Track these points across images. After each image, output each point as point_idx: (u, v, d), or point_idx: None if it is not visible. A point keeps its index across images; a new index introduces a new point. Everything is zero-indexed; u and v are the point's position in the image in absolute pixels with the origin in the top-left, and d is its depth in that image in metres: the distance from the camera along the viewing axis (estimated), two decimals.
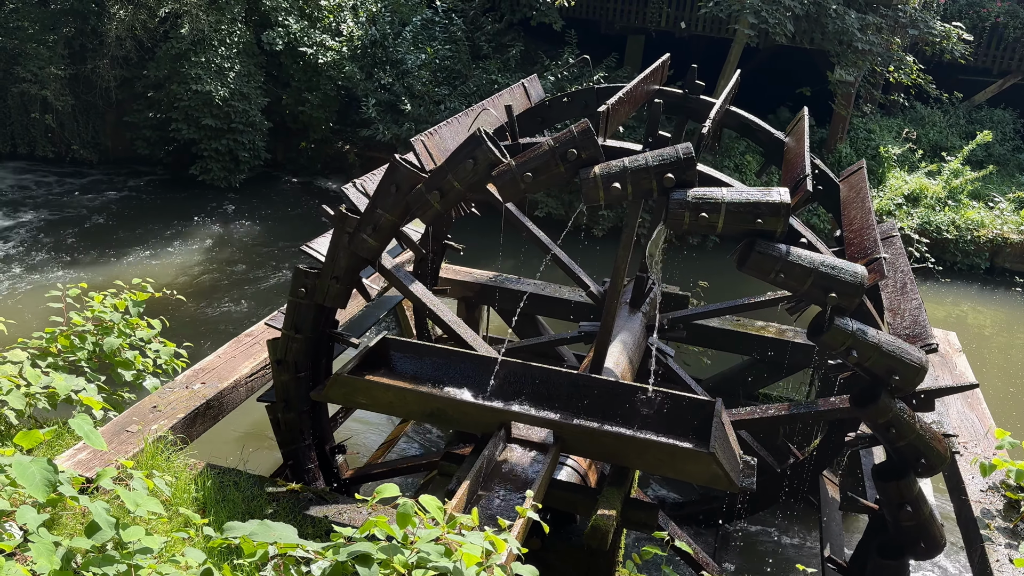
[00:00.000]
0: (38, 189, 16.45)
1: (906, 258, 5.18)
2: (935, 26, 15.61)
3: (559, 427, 4.36)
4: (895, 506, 4.30)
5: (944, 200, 16.36)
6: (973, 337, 13.01)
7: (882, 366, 4.04)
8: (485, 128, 4.60)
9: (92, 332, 5.85)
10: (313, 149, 18.45)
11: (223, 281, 12.90)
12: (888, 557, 4.52)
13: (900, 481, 4.24)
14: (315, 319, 5.22)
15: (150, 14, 16.22)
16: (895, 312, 4.79)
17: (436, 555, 2.89)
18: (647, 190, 4.19)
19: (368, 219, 4.83)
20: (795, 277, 4.04)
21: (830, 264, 4.01)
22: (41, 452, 5.04)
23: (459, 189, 4.54)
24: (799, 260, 4.01)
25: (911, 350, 4.07)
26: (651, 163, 4.17)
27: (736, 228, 4.06)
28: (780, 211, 4.00)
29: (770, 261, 4.04)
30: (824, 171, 5.80)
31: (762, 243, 4.06)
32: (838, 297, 3.99)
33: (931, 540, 4.44)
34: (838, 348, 4.05)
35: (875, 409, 4.12)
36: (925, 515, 4.33)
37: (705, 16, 16.84)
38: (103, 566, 2.91)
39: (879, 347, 4.01)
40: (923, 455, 4.22)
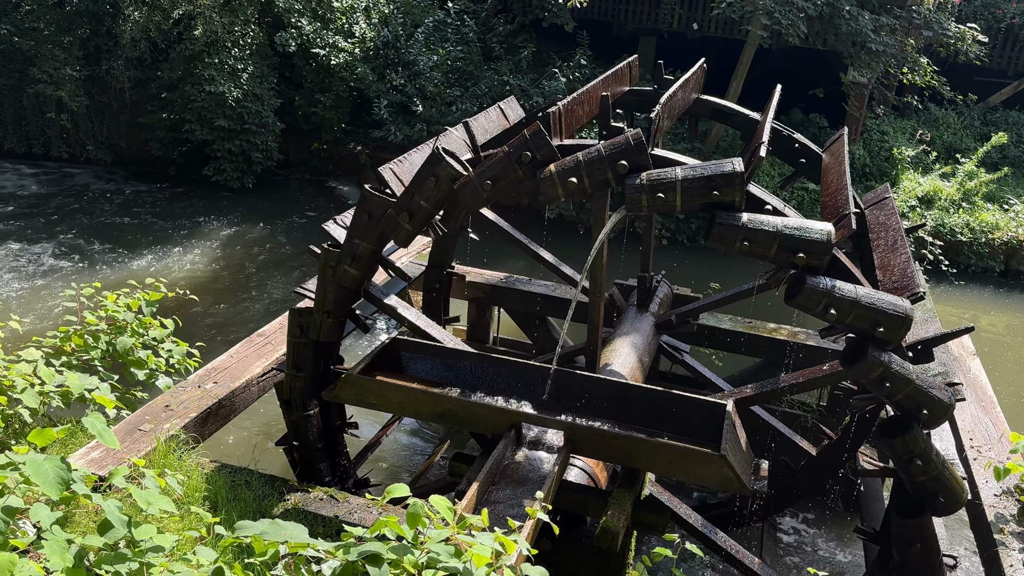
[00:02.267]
0: (53, 189, 16.58)
1: (898, 217, 5.12)
2: (950, 27, 15.50)
3: (570, 429, 4.35)
4: (904, 462, 4.15)
5: (958, 202, 16.24)
6: (987, 340, 12.91)
7: (864, 320, 3.95)
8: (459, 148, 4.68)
9: (106, 331, 5.89)
10: (325, 150, 18.51)
11: (235, 281, 12.96)
12: (908, 516, 4.35)
13: (905, 435, 4.09)
14: (315, 356, 5.33)
15: (164, 16, 16.31)
16: (885, 269, 4.76)
17: (446, 555, 2.89)
18: (603, 180, 4.26)
19: (347, 250, 4.93)
20: (760, 243, 4.03)
21: (795, 225, 3.99)
22: (55, 450, 5.08)
23: (426, 207, 4.63)
24: (762, 225, 4.01)
25: (893, 300, 3.98)
26: (604, 153, 4.24)
27: (695, 204, 4.09)
28: (735, 181, 4.02)
29: (732, 231, 4.04)
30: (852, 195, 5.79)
31: (722, 215, 4.07)
32: (807, 257, 3.96)
33: (949, 493, 4.26)
34: (815, 308, 3.99)
35: (864, 365, 3.99)
36: (937, 467, 4.17)
37: (717, 17, 16.79)
38: (115, 564, 2.92)
39: (857, 301, 3.94)
40: (923, 406, 4.05)
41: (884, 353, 4.01)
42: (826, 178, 5.41)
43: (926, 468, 4.15)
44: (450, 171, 4.52)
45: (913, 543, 4.33)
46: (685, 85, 5.54)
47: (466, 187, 4.53)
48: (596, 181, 4.26)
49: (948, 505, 4.28)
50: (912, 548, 4.34)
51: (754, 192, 4.61)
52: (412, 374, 4.98)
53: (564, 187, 4.28)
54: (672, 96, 5.20)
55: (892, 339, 4.00)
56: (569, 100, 5.01)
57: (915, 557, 4.38)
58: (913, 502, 4.37)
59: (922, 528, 4.33)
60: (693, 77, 5.92)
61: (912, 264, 4.56)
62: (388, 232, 4.78)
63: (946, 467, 4.23)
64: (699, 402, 4.45)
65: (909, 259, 4.61)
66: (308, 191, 17.95)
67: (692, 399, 4.48)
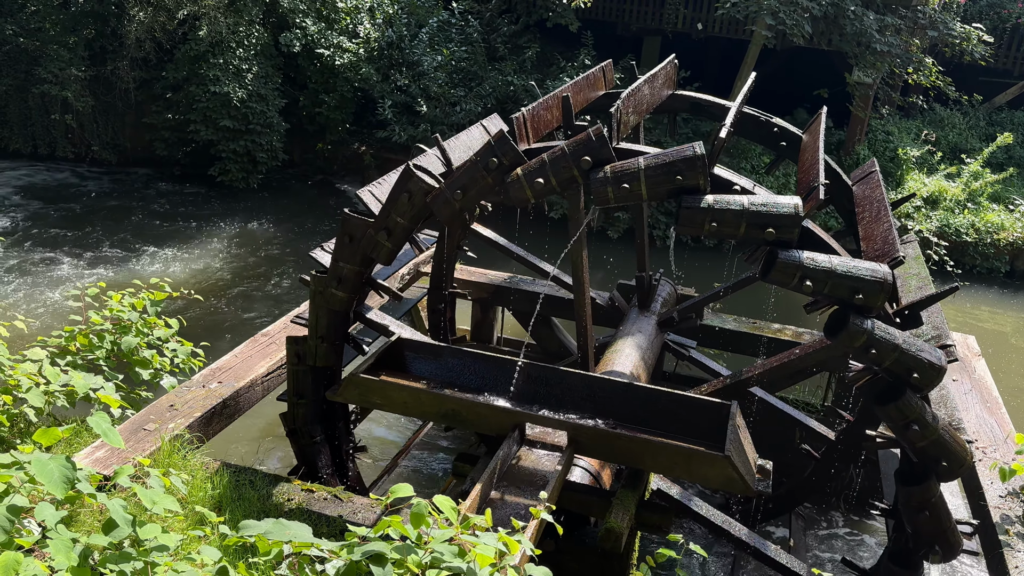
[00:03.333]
0: (58, 189, 16.62)
1: (882, 190, 5.14)
2: (955, 27, 15.46)
3: (574, 429, 4.35)
4: (901, 428, 4.10)
5: (963, 203, 16.20)
6: (992, 341, 12.88)
7: (843, 288, 3.94)
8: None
9: (110, 331, 5.90)
10: (330, 150, 18.53)
11: (240, 281, 12.98)
12: (911, 483, 4.28)
13: (898, 401, 4.04)
14: (315, 382, 5.38)
15: (169, 16, 16.34)
16: (868, 239, 4.77)
17: (450, 555, 2.89)
18: (570, 178, 4.31)
19: (333, 273, 5.00)
20: (728, 223, 4.04)
21: (761, 201, 4.01)
22: (60, 449, 5.09)
23: (403, 223, 4.71)
24: (728, 205, 4.03)
25: (871, 266, 3.96)
26: (567, 151, 4.29)
27: (660, 190, 4.13)
28: (696, 165, 4.05)
29: (700, 213, 4.06)
30: (837, 172, 5.78)
31: (688, 198, 4.10)
32: (777, 231, 3.97)
33: (951, 456, 4.18)
34: (791, 281, 3.98)
35: (847, 334, 3.96)
36: (935, 431, 4.09)
37: (722, 17, 16.76)
38: (120, 563, 2.93)
39: (832, 271, 3.93)
40: (913, 370, 3.99)
41: (867, 320, 3.97)
42: (803, 156, 5.46)
43: (924, 432, 4.06)
44: (422, 185, 4.59)
45: (921, 511, 4.24)
46: (652, 80, 5.55)
47: (437, 199, 4.60)
48: (563, 179, 4.32)
49: (951, 469, 4.19)
50: (920, 516, 4.25)
51: (721, 175, 4.63)
52: (416, 374, 4.99)
53: (532, 188, 4.34)
54: (636, 91, 5.19)
55: (872, 305, 3.97)
56: (535, 104, 5.07)
57: (925, 525, 4.28)
58: (915, 469, 4.30)
59: (927, 494, 4.22)
60: (662, 72, 5.91)
61: (894, 231, 4.55)
62: (369, 252, 4.86)
63: (947, 431, 4.14)
64: (703, 402, 4.44)
65: (891, 227, 4.60)
66: (312, 191, 17.97)
67: (696, 399, 4.47)
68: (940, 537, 4.32)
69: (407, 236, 4.84)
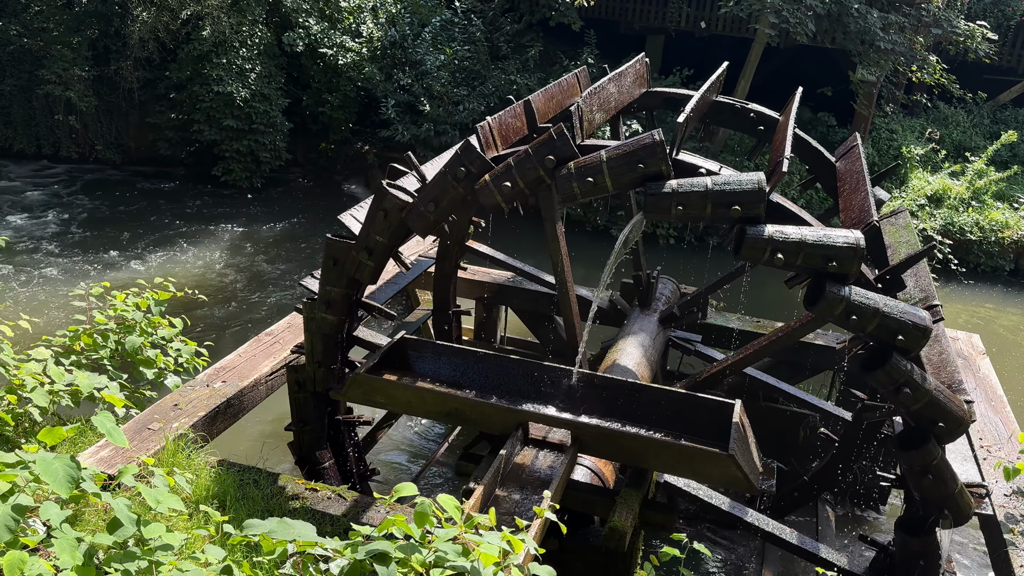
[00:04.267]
0: (62, 189, 16.65)
1: (862, 162, 5.17)
2: (959, 25, 15.42)
3: (577, 428, 4.35)
4: (893, 393, 4.06)
5: (968, 201, 16.16)
6: (997, 339, 12.85)
7: (816, 257, 3.93)
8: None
9: (115, 331, 5.91)
10: (333, 150, 18.55)
11: (244, 281, 13.00)
12: (910, 447, 4.22)
13: (886, 366, 3.99)
14: (318, 407, 5.45)
15: (172, 16, 16.36)
16: (846, 209, 4.78)
17: (454, 554, 2.89)
18: (537, 179, 4.36)
19: (322, 297, 5.09)
20: (694, 205, 4.06)
21: (724, 181, 4.03)
22: (64, 449, 5.10)
23: (383, 242, 4.79)
24: (692, 187, 4.05)
25: (842, 233, 3.96)
26: (531, 152, 4.35)
27: (625, 180, 4.18)
28: (656, 151, 4.08)
29: (665, 198, 4.09)
30: (819, 151, 5.86)
31: (651, 185, 4.13)
32: (743, 208, 3.98)
33: (947, 416, 4.10)
34: (762, 256, 3.98)
35: (824, 303, 3.96)
36: (927, 392, 4.03)
37: (725, 16, 16.75)
38: (124, 562, 2.93)
39: (803, 241, 3.93)
40: (897, 332, 3.96)
41: (844, 288, 3.97)
42: (776, 136, 5.50)
43: (916, 395, 4.01)
44: (396, 202, 4.68)
45: (924, 475, 4.17)
46: (618, 78, 5.55)
47: (411, 214, 4.67)
48: (530, 180, 4.38)
49: (950, 430, 4.12)
50: (924, 480, 4.19)
51: (686, 160, 4.67)
52: (419, 373, 4.99)
53: (500, 192, 4.40)
54: (600, 89, 5.20)
55: (847, 272, 3.97)
56: (503, 112, 5.11)
57: (930, 489, 4.21)
58: (914, 433, 4.24)
59: (927, 457, 4.14)
60: (631, 70, 5.90)
61: (871, 200, 4.56)
62: (353, 273, 4.93)
63: (940, 392, 4.07)
64: (707, 401, 4.44)
65: (867, 195, 4.61)
66: (316, 191, 17.99)
67: (700, 398, 4.47)
68: (948, 501, 4.23)
69: (388, 254, 4.92)
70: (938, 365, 4.46)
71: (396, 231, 4.78)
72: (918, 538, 4.46)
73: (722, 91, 6.61)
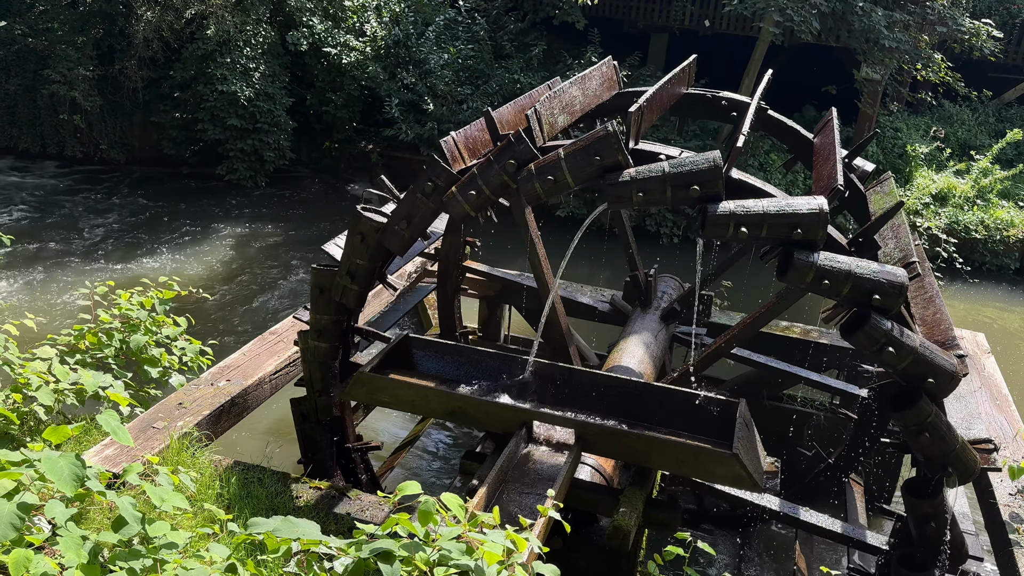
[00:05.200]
0: (67, 188, 16.69)
1: (835, 134, 5.21)
2: (964, 23, 15.37)
3: (581, 427, 4.35)
4: (876, 353, 4.00)
5: (973, 199, 16.11)
6: (1002, 338, 12.81)
7: (781, 227, 3.94)
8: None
9: (119, 329, 5.93)
10: (337, 149, 18.56)
11: (248, 279, 13.01)
12: (902, 407, 4.14)
13: (866, 327, 3.94)
14: (323, 436, 5.57)
15: (176, 15, 16.38)
16: (817, 180, 4.82)
17: (457, 553, 2.90)
18: (501, 183, 4.43)
19: (314, 326, 5.21)
20: (653, 190, 4.09)
21: (678, 163, 4.06)
22: (69, 447, 5.12)
23: (364, 264, 4.90)
24: (650, 173, 4.09)
25: (803, 201, 3.97)
26: (493, 159, 4.43)
27: (584, 175, 4.23)
28: (611, 143, 4.12)
29: (625, 187, 4.12)
30: (796, 130, 5.93)
31: (610, 176, 4.18)
32: (701, 188, 4.02)
33: (936, 371, 4.00)
34: (726, 233, 4.01)
35: (794, 272, 3.96)
36: (912, 351, 3.95)
37: (729, 14, 16.71)
38: (129, 560, 2.94)
39: (765, 213, 3.94)
40: (873, 292, 3.92)
41: (812, 254, 3.96)
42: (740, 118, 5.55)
43: (900, 353, 3.95)
44: (371, 224, 4.78)
45: (920, 433, 4.10)
46: (582, 81, 5.57)
47: (386, 233, 4.76)
48: (495, 186, 4.45)
49: (941, 385, 4.04)
50: (921, 438, 4.11)
51: (646, 148, 4.70)
52: (423, 372, 4.99)
53: (468, 202, 4.49)
54: (560, 93, 5.22)
55: (813, 238, 3.98)
56: (468, 127, 5.18)
57: (928, 447, 4.14)
58: (904, 392, 4.15)
59: (920, 415, 4.06)
60: (596, 73, 5.90)
61: (839, 166, 4.58)
62: (339, 299, 5.02)
63: (926, 348, 4.00)
64: (711, 400, 4.43)
65: (836, 163, 4.62)
66: (320, 190, 18.00)
67: (704, 397, 4.46)
68: (950, 458, 4.14)
69: (371, 276, 5.01)
70: (932, 324, 4.45)
71: (375, 253, 4.89)
72: (925, 500, 4.36)
73: (726, 89, 6.59)
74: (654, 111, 5.11)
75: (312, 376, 5.35)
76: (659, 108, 5.37)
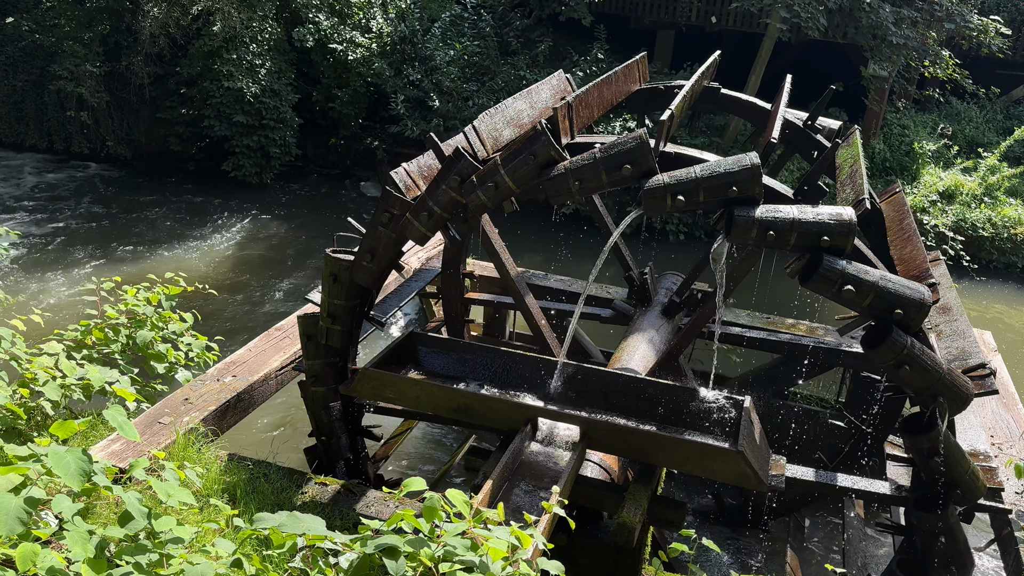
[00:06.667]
0: (73, 185, 16.74)
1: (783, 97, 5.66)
2: (972, 20, 15.30)
3: (586, 424, 4.35)
4: (836, 294, 3.99)
5: (980, 197, 16.05)
6: (1009, 337, 12.77)
7: (716, 189, 4.02)
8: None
9: (126, 325, 5.95)
10: (343, 145, 18.57)
11: (254, 276, 13.04)
12: (876, 344, 4.06)
13: (819, 271, 3.93)
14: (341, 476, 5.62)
15: (183, 11, 16.40)
16: (761, 139, 4.95)
17: (462, 549, 2.90)
18: (450, 200, 4.62)
19: (309, 372, 5.35)
20: (589, 177, 4.25)
21: (608, 147, 4.23)
22: (76, 442, 5.14)
23: (341, 304, 5.04)
24: (582, 162, 4.25)
25: (733, 160, 4.05)
26: (438, 178, 4.61)
27: (523, 176, 4.39)
28: (541, 139, 4.27)
29: (561, 180, 4.30)
30: (752, 102, 6.22)
31: (547, 171, 4.32)
32: (632, 167, 4.15)
33: (899, 299, 3.92)
34: (666, 208, 4.10)
35: (736, 231, 4.00)
36: (872, 284, 3.92)
37: (736, 10, 16.66)
38: (135, 555, 2.95)
39: (698, 179, 4.05)
40: (820, 234, 3.93)
41: (751, 209, 4.03)
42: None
43: (859, 290, 3.92)
44: (340, 263, 4.92)
45: (900, 367, 4.01)
46: (529, 95, 5.60)
47: (355, 270, 4.88)
48: (445, 204, 4.60)
49: (910, 314, 3.95)
50: (901, 371, 4.04)
51: (580, 142, 4.79)
52: (428, 369, 5.00)
53: (423, 225, 4.65)
54: (504, 108, 5.26)
55: (750, 193, 4.03)
56: (422, 156, 5.30)
57: (908, 379, 4.07)
58: (877, 329, 4.10)
59: (895, 348, 3.97)
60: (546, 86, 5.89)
61: (776, 126, 4.72)
62: (324, 341, 5.14)
63: (888, 280, 3.96)
64: (716, 397, 4.43)
65: (774, 123, 4.77)
66: (326, 186, 18.02)
67: (709, 394, 4.46)
68: (937, 387, 4.06)
69: (352, 313, 5.11)
70: (908, 260, 4.50)
71: (350, 291, 5.00)
72: (922, 435, 4.20)
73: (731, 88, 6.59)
74: (591, 107, 5.21)
75: (317, 420, 5.44)
76: (600, 105, 5.43)
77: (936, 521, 4.32)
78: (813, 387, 8.25)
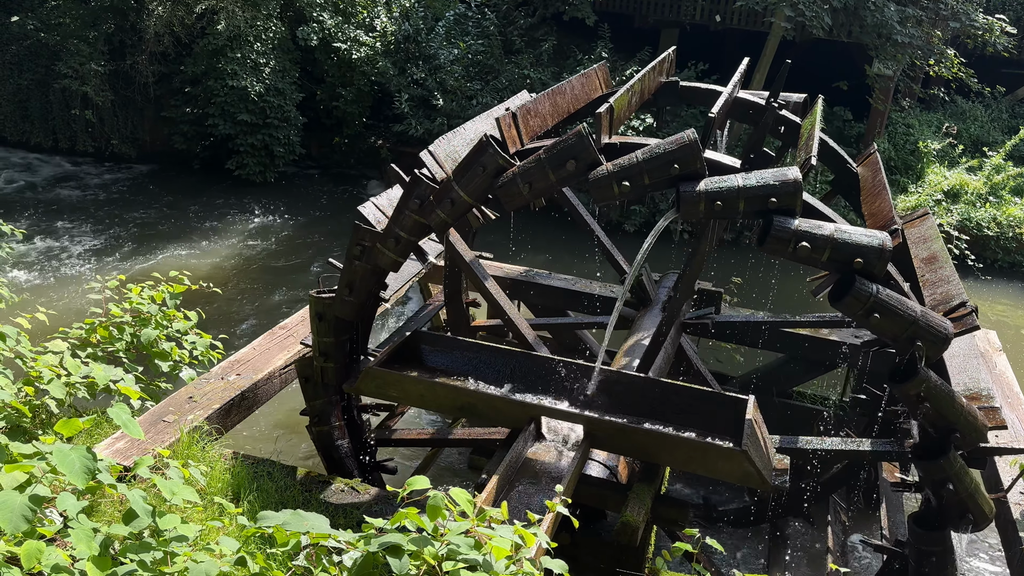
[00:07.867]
0: (78, 183, 16.77)
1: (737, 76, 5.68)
2: (977, 19, 15.26)
3: (589, 423, 4.35)
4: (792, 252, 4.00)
5: (985, 196, 16.00)
6: (1014, 336, 12.74)
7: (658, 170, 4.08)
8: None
9: (130, 323, 5.95)
10: (347, 144, 18.58)
11: (258, 274, 13.06)
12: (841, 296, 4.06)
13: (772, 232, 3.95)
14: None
15: (187, 10, 16.43)
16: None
17: (466, 547, 2.90)
18: (414, 224, 4.73)
19: (311, 413, 5.48)
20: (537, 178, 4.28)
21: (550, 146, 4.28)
22: (80, 440, 5.15)
23: (331, 341, 5.18)
24: (528, 164, 4.34)
25: (673, 137, 4.10)
26: (399, 206, 4.71)
27: (477, 189, 4.49)
28: (488, 150, 4.34)
29: (512, 185, 4.38)
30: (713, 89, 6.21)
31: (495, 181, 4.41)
32: (576, 163, 4.21)
33: (858, 249, 3.92)
34: (614, 195, 4.17)
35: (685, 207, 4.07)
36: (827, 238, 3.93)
37: (740, 9, 16.62)
38: (140, 553, 2.96)
39: (640, 162, 4.10)
40: (769, 196, 3.96)
41: (695, 184, 4.08)
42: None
43: (815, 245, 3.93)
44: (322, 301, 5.06)
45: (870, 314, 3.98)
46: (487, 118, 5.68)
47: (337, 305, 4.99)
48: (409, 227, 4.73)
49: (870, 261, 3.93)
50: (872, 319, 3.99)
51: (528, 147, 4.84)
52: (432, 367, 5.00)
53: (392, 251, 4.75)
54: (461, 131, 5.34)
55: (691, 168, 4.09)
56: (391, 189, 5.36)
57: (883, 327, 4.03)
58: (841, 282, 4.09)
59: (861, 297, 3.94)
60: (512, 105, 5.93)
61: (814, 140, 4.63)
62: (321, 380, 5.27)
63: (842, 231, 3.94)
64: (720, 396, 4.43)
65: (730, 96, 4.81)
66: (329, 185, 18.03)
67: (713, 393, 4.46)
68: (911, 330, 3.99)
69: (343, 348, 5.22)
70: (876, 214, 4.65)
71: (337, 327, 5.11)
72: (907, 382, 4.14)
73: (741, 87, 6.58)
74: (543, 116, 5.27)
75: (330, 460, 5.54)
76: (553, 113, 5.48)
77: (938, 468, 4.24)
78: (817, 386, 8.25)
